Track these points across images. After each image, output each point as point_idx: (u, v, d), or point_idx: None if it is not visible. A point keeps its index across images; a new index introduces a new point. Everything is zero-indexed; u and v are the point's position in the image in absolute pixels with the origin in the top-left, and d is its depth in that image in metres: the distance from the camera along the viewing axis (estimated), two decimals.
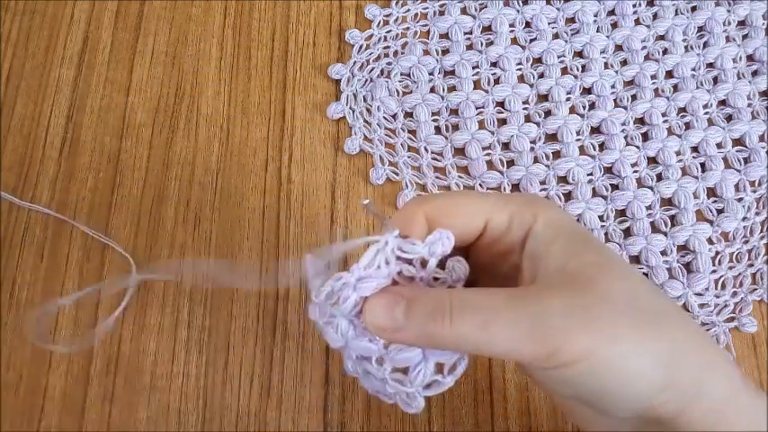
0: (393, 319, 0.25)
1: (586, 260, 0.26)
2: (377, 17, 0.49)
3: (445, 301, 0.25)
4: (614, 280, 0.25)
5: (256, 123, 0.46)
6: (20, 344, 0.40)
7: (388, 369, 0.27)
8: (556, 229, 0.27)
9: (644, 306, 0.25)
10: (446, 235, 0.27)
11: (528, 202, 0.28)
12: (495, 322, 0.24)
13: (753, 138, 0.45)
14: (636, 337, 0.24)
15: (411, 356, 0.27)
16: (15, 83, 0.47)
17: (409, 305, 0.25)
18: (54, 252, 0.42)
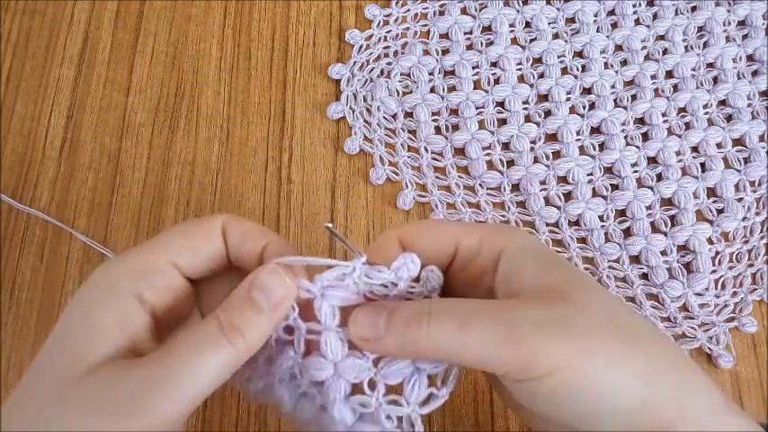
0: (376, 329, 0.25)
1: (560, 277, 0.26)
2: (377, 17, 0.49)
3: (424, 308, 0.25)
4: (589, 296, 0.25)
5: (256, 123, 0.46)
6: (20, 344, 0.40)
7: (382, 391, 0.27)
8: (527, 251, 0.27)
9: (619, 322, 0.25)
10: (411, 258, 0.27)
11: (497, 229, 0.29)
12: (470, 325, 0.24)
13: (753, 138, 0.45)
14: (612, 351, 0.24)
15: (402, 367, 0.27)
16: (15, 83, 0.47)
17: (390, 314, 0.25)
18: (54, 252, 0.42)
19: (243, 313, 0.25)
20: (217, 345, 0.25)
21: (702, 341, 0.40)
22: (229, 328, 0.25)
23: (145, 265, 0.27)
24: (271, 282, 0.26)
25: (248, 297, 0.26)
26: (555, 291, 0.25)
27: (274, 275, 0.26)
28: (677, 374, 0.25)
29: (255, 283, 0.26)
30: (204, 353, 0.24)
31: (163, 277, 0.27)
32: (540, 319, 0.24)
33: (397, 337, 0.25)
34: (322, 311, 0.27)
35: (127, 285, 0.26)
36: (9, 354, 0.40)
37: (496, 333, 0.24)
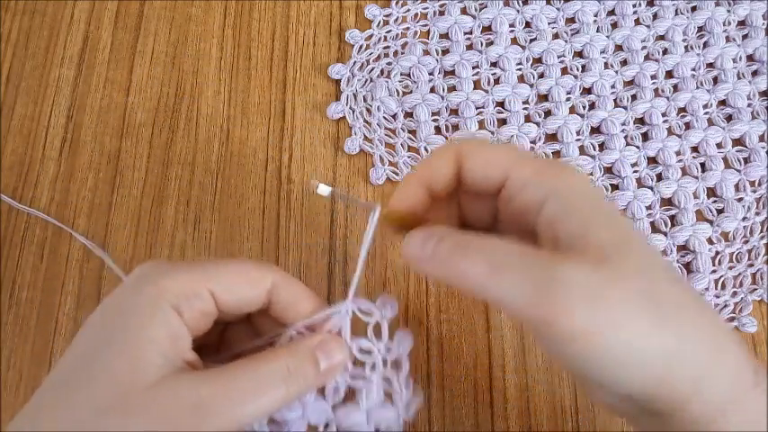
0: (424, 250, 0.27)
1: (605, 235, 0.25)
2: (377, 17, 0.49)
3: (463, 242, 0.26)
4: (631, 261, 0.24)
5: (256, 123, 0.46)
6: (20, 344, 0.40)
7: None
8: (578, 197, 0.26)
9: (657, 295, 0.24)
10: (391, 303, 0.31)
11: (551, 165, 0.28)
12: (501, 273, 0.24)
13: (753, 138, 0.45)
14: (640, 329, 0.24)
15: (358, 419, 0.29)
16: (15, 83, 0.47)
17: (439, 241, 0.27)
18: (54, 252, 0.42)
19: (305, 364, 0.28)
20: (277, 387, 0.27)
21: None
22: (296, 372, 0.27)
23: (189, 287, 0.28)
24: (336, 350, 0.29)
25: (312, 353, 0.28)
26: (596, 250, 0.24)
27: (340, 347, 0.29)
28: (706, 352, 0.25)
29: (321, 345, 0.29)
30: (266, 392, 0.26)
31: (202, 303, 0.28)
32: (571, 281, 0.23)
33: (440, 262, 0.26)
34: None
35: (174, 301, 0.27)
36: (9, 354, 0.40)
37: (525, 288, 0.24)
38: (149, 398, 0.25)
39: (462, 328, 0.41)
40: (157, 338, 0.26)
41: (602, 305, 0.23)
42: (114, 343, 0.26)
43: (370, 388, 0.30)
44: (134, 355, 0.25)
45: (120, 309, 0.27)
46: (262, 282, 0.29)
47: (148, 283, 0.27)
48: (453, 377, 0.39)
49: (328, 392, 0.30)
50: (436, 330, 0.40)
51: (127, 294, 0.27)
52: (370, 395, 0.30)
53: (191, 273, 0.28)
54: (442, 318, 0.41)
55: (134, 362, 0.25)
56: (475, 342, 0.40)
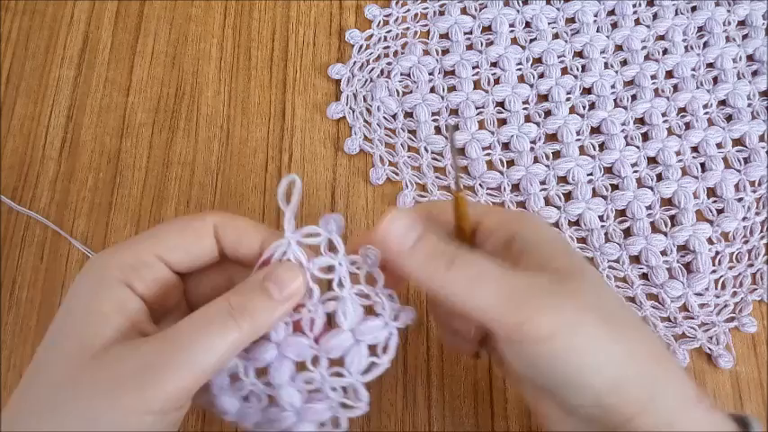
0: (403, 240, 0.27)
1: (562, 265, 0.28)
2: (377, 17, 0.49)
3: (451, 251, 0.27)
4: (585, 285, 0.27)
5: (256, 123, 0.46)
6: (20, 344, 0.40)
7: (325, 365, 0.28)
8: (540, 236, 0.29)
9: (608, 309, 0.27)
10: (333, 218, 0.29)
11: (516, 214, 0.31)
12: (480, 283, 0.26)
13: (753, 138, 0.45)
14: (597, 332, 0.26)
15: (343, 341, 0.28)
16: (15, 83, 0.47)
17: (421, 238, 0.27)
18: (54, 252, 0.42)
19: (255, 298, 0.27)
20: (225, 325, 0.26)
21: (702, 341, 0.40)
22: (240, 310, 0.26)
23: (134, 258, 0.28)
24: (286, 275, 0.27)
25: (262, 286, 0.27)
26: (557, 272, 0.27)
27: (289, 271, 0.28)
28: (655, 364, 0.27)
29: (271, 276, 0.27)
30: (212, 332, 0.26)
31: (151, 271, 0.28)
32: (539, 289, 0.26)
33: (418, 262, 0.27)
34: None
35: (118, 275, 0.27)
36: (9, 354, 0.40)
37: (498, 296, 0.26)
38: (95, 368, 0.25)
39: None
40: (103, 311, 0.26)
41: (564, 311, 0.26)
42: (65, 323, 0.27)
43: (344, 305, 0.28)
44: (82, 331, 0.26)
45: (72, 291, 0.28)
46: (204, 230, 0.29)
47: (95, 264, 0.28)
48: (453, 377, 0.39)
49: (305, 325, 0.29)
50: (436, 330, 0.40)
51: (79, 276, 0.28)
52: (348, 312, 0.28)
53: (133, 244, 0.28)
54: None
55: (80, 337, 0.26)
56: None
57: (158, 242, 0.28)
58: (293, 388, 0.28)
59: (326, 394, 0.28)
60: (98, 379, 0.25)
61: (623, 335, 0.27)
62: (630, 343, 0.27)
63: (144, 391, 0.24)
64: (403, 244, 0.27)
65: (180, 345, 0.25)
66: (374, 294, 0.29)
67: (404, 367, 0.40)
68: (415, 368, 0.40)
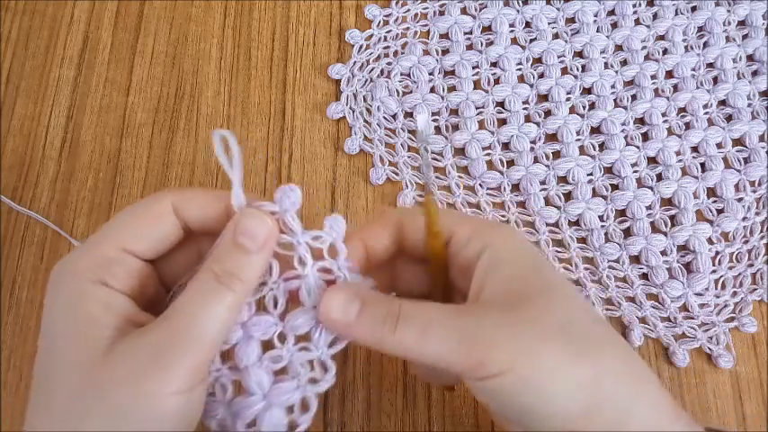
0: (346, 316, 0.27)
1: (530, 283, 0.27)
2: (377, 17, 0.49)
3: (394, 310, 0.27)
4: (551, 304, 0.27)
5: (256, 123, 0.46)
6: (20, 344, 0.40)
7: (292, 341, 0.28)
8: (509, 252, 0.29)
9: (576, 331, 0.26)
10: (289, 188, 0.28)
11: (486, 225, 0.30)
12: (430, 332, 0.26)
13: (753, 138, 0.45)
14: (558, 358, 0.25)
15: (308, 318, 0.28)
16: (15, 83, 0.47)
17: (363, 307, 0.27)
18: (54, 252, 0.42)
19: (234, 258, 0.27)
20: (218, 293, 0.26)
21: (702, 341, 0.40)
22: (225, 275, 0.26)
23: (100, 257, 0.27)
24: (253, 224, 0.27)
25: (235, 243, 0.27)
26: (520, 296, 0.27)
27: (255, 218, 0.27)
28: (626, 385, 0.26)
29: (239, 229, 0.27)
30: (209, 304, 0.26)
31: (121, 266, 0.28)
32: (494, 326, 0.26)
33: (366, 332, 0.27)
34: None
35: (91, 277, 0.27)
36: (9, 354, 0.40)
37: (451, 340, 0.26)
38: (111, 364, 0.25)
39: None
40: (95, 316, 0.26)
41: (520, 342, 0.26)
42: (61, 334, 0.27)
43: (307, 282, 0.28)
44: (82, 339, 0.26)
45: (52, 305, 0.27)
46: (162, 211, 0.28)
47: (63, 271, 0.28)
48: None
49: (268, 303, 0.29)
50: None
51: (50, 290, 0.28)
52: (311, 289, 0.28)
53: (96, 243, 0.28)
54: None
55: (83, 342, 0.26)
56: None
57: (120, 235, 0.28)
58: (261, 369, 0.28)
59: (295, 371, 0.28)
60: (116, 375, 0.25)
61: (591, 356, 0.26)
62: (600, 364, 0.26)
63: (163, 373, 0.25)
64: (347, 318, 0.27)
65: (183, 323, 0.26)
66: (336, 269, 0.29)
67: (404, 367, 0.40)
68: None
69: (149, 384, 0.25)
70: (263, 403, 0.28)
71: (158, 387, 0.25)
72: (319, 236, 0.28)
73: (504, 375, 0.25)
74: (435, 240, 0.30)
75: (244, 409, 0.28)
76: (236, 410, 0.28)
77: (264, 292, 0.29)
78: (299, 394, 0.28)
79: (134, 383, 0.25)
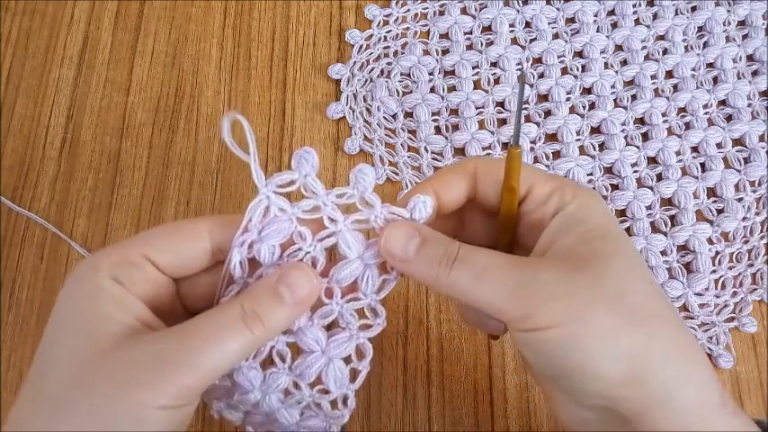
0: (405, 251, 0.27)
1: (596, 247, 0.27)
2: (377, 17, 0.49)
3: (452, 250, 0.27)
4: (614, 269, 0.26)
5: (256, 123, 0.46)
6: (20, 344, 0.40)
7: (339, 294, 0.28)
8: (586, 213, 0.28)
9: (633, 301, 0.26)
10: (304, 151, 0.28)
11: (571, 184, 0.29)
12: (484, 278, 0.26)
13: (753, 138, 0.45)
14: (609, 324, 0.25)
15: (353, 269, 0.28)
16: (15, 83, 0.47)
17: (422, 244, 0.27)
18: (54, 252, 0.42)
19: (267, 303, 0.27)
20: (237, 329, 0.26)
21: (702, 341, 0.40)
22: (252, 315, 0.26)
23: (122, 258, 0.27)
24: (298, 279, 0.27)
25: (274, 289, 0.27)
26: (585, 257, 0.26)
27: (302, 274, 0.27)
28: (675, 363, 0.26)
29: (283, 278, 0.27)
30: (225, 335, 0.26)
31: (140, 271, 0.27)
32: (550, 282, 0.26)
33: (423, 269, 0.27)
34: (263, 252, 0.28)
35: (109, 274, 0.27)
36: (9, 354, 0.40)
37: (504, 289, 0.26)
38: (108, 362, 0.25)
39: (462, 328, 0.41)
40: (104, 310, 0.26)
41: (573, 301, 0.25)
42: (67, 325, 0.27)
43: (343, 237, 0.28)
44: (86, 329, 0.26)
45: (66, 295, 0.27)
46: (195, 233, 0.28)
47: (84, 265, 0.27)
48: (453, 377, 0.39)
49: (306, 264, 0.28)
50: (436, 330, 0.40)
51: (69, 281, 0.28)
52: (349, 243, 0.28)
53: (122, 245, 0.28)
54: (442, 318, 0.41)
55: (87, 336, 0.26)
56: (475, 342, 0.40)
57: (146, 243, 0.28)
58: (314, 327, 0.29)
59: (345, 321, 0.29)
60: (112, 374, 0.25)
61: (644, 327, 0.26)
62: (653, 337, 0.26)
63: (157, 385, 0.24)
64: (405, 254, 0.27)
65: (193, 343, 0.25)
66: (372, 218, 0.29)
67: (404, 367, 0.40)
68: (415, 368, 0.40)
69: (139, 393, 0.24)
70: (324, 358, 0.28)
71: (146, 397, 0.24)
72: (344, 192, 0.28)
73: (551, 330, 0.25)
74: (510, 196, 0.29)
75: (307, 369, 0.28)
76: (300, 372, 0.28)
77: (301, 256, 0.29)
78: (353, 342, 0.29)
79: (124, 387, 0.24)
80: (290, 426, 0.30)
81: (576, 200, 0.28)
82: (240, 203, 0.43)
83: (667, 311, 0.27)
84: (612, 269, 0.26)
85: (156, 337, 0.26)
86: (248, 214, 0.28)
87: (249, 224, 0.28)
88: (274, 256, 0.28)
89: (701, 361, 0.27)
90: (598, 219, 0.28)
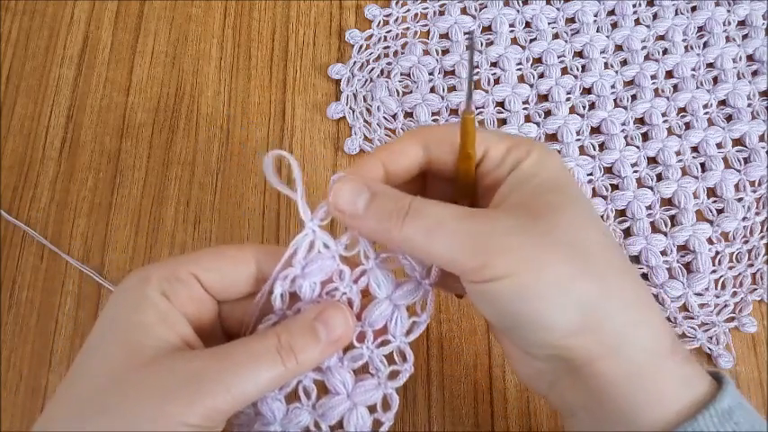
0: (353, 205, 0.27)
1: (552, 199, 0.27)
2: (377, 17, 0.49)
3: (404, 205, 0.26)
4: (569, 220, 0.26)
5: (256, 123, 0.46)
6: (20, 344, 0.40)
7: (371, 339, 0.29)
8: (539, 168, 0.28)
9: (587, 251, 0.26)
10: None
11: (526, 141, 0.29)
12: (437, 231, 0.26)
13: (753, 138, 0.45)
14: (563, 272, 0.25)
15: (383, 310, 0.29)
16: (15, 83, 0.47)
17: (372, 199, 0.27)
18: (54, 252, 0.42)
19: (303, 338, 0.27)
20: (271, 360, 0.26)
21: (702, 341, 0.40)
22: (287, 347, 0.27)
23: (170, 273, 0.28)
24: (335, 318, 0.28)
25: (311, 326, 0.27)
26: (540, 209, 0.26)
27: (340, 313, 0.28)
28: (628, 310, 0.26)
29: (320, 317, 0.28)
30: (259, 363, 0.26)
31: (186, 288, 0.28)
32: (503, 231, 0.25)
33: (373, 224, 0.27)
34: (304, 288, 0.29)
35: (157, 287, 0.27)
36: (9, 354, 0.40)
37: (458, 241, 0.25)
38: (144, 374, 0.25)
39: (462, 328, 0.41)
40: (147, 322, 0.26)
41: (529, 250, 0.25)
42: (109, 333, 0.27)
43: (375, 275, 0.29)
44: (127, 339, 0.26)
45: (113, 303, 0.28)
46: (240, 257, 0.29)
47: (135, 276, 0.28)
48: (453, 377, 0.39)
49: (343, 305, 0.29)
50: (436, 330, 0.40)
51: (118, 290, 0.28)
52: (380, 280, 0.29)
53: (171, 261, 0.29)
54: (442, 318, 0.41)
55: (127, 346, 0.26)
56: (475, 342, 0.40)
57: (195, 262, 0.29)
58: (343, 369, 0.29)
59: (375, 367, 0.29)
60: (147, 385, 0.25)
61: (599, 276, 0.26)
62: (606, 286, 0.26)
63: (189, 402, 0.25)
64: (355, 209, 0.27)
65: (228, 367, 0.26)
66: (400, 257, 0.29)
67: None
68: (415, 368, 0.40)
69: (170, 407, 0.25)
70: (348, 403, 0.29)
71: (177, 413, 0.25)
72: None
73: (505, 279, 0.25)
74: (467, 162, 0.29)
75: (330, 410, 0.28)
76: (323, 412, 0.29)
77: (338, 296, 0.29)
78: (380, 392, 0.29)
79: (157, 400, 0.25)
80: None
81: (530, 156, 0.28)
82: (240, 204, 0.43)
83: (619, 261, 0.27)
84: (565, 220, 0.26)
85: (193, 356, 0.26)
86: (293, 247, 0.28)
87: (293, 259, 0.28)
88: (314, 293, 0.29)
89: (653, 308, 0.27)
90: (551, 172, 0.28)
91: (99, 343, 0.27)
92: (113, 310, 0.28)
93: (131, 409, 0.25)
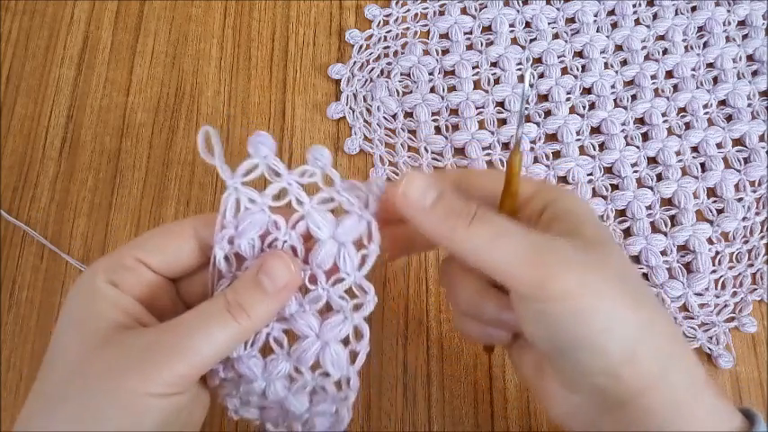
0: (422, 197, 0.27)
1: (597, 233, 0.28)
2: (377, 17, 0.49)
3: (471, 208, 0.27)
4: (612, 254, 0.27)
5: (256, 123, 0.46)
6: (20, 344, 0.40)
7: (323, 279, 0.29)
8: (574, 206, 0.29)
9: (632, 284, 0.27)
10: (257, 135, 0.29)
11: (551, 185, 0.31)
12: (503, 239, 0.26)
13: (753, 138, 0.45)
14: (621, 301, 0.26)
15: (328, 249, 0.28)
16: (15, 83, 0.47)
17: (441, 196, 0.27)
18: (54, 252, 0.42)
19: (249, 294, 0.27)
20: (223, 321, 0.27)
21: (702, 341, 0.40)
22: (236, 306, 0.27)
23: (115, 263, 0.29)
24: (277, 267, 0.28)
25: (255, 280, 0.28)
26: (586, 240, 0.27)
27: (280, 262, 0.28)
28: (668, 342, 0.27)
29: (263, 268, 0.28)
30: (211, 326, 0.27)
31: (133, 274, 0.29)
32: (563, 251, 0.26)
33: (438, 220, 0.27)
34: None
35: (104, 278, 0.28)
36: (9, 354, 0.40)
37: (522, 251, 0.26)
38: (100, 356, 0.26)
39: None
40: (98, 309, 0.27)
41: (590, 275, 0.25)
42: (66, 327, 0.28)
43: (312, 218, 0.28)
44: (81, 329, 0.27)
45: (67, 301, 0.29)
46: (181, 233, 0.29)
47: (85, 273, 0.29)
48: (453, 377, 0.39)
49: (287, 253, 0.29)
50: (436, 330, 0.40)
51: (71, 289, 0.29)
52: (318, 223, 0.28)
53: (118, 250, 0.29)
54: (442, 318, 0.41)
55: (82, 335, 0.27)
56: (475, 342, 0.40)
57: (138, 247, 0.29)
58: (306, 313, 0.29)
59: (338, 305, 0.29)
60: (102, 366, 0.26)
61: (645, 309, 0.26)
62: (651, 319, 0.26)
63: (146, 373, 0.25)
64: (422, 203, 0.27)
65: (181, 333, 0.26)
66: (336, 194, 0.28)
67: (404, 367, 0.40)
68: (415, 368, 0.40)
69: (128, 381, 0.25)
70: (319, 342, 0.29)
71: (136, 385, 0.25)
72: (306, 170, 0.28)
73: (566, 301, 0.25)
74: (512, 199, 0.29)
75: (303, 354, 0.29)
76: (297, 356, 0.29)
77: (279, 245, 0.29)
78: (349, 325, 0.29)
79: (115, 377, 0.25)
80: (301, 414, 0.30)
81: (558, 196, 0.29)
82: None
83: (654, 298, 0.29)
84: (615, 253, 0.27)
85: (146, 331, 0.27)
86: (221, 209, 0.29)
87: (225, 220, 0.29)
88: (255, 249, 0.29)
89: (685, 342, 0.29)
90: (585, 210, 0.29)
91: (58, 338, 0.28)
92: (68, 306, 0.29)
93: (92, 391, 0.25)
